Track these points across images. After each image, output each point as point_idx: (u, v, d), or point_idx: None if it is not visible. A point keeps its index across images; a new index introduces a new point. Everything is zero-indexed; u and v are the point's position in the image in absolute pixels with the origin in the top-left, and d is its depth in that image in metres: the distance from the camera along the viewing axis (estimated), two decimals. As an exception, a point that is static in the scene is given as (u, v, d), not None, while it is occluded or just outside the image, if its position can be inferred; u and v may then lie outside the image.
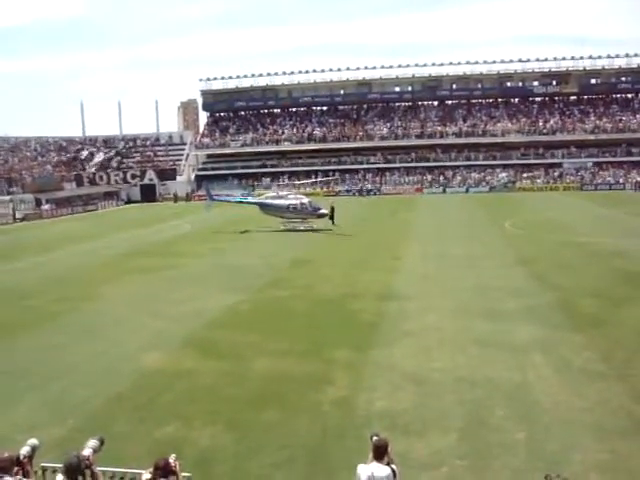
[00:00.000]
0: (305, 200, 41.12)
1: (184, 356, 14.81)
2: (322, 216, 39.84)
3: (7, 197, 61.12)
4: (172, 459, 6.21)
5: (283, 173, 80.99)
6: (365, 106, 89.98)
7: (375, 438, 6.49)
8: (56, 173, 74.20)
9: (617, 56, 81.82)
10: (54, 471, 6.71)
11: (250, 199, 47.34)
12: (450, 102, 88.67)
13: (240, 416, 11.14)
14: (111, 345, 15.91)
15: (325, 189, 72.86)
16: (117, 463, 7.34)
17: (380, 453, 6.34)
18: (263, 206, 41.93)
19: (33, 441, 6.42)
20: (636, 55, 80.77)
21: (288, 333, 16.41)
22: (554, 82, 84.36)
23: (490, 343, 14.90)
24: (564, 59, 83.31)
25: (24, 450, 6.27)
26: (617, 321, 16.54)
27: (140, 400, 12.10)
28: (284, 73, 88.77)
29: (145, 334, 16.84)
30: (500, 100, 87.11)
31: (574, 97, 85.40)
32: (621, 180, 72.49)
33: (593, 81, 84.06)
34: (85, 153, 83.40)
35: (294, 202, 40.64)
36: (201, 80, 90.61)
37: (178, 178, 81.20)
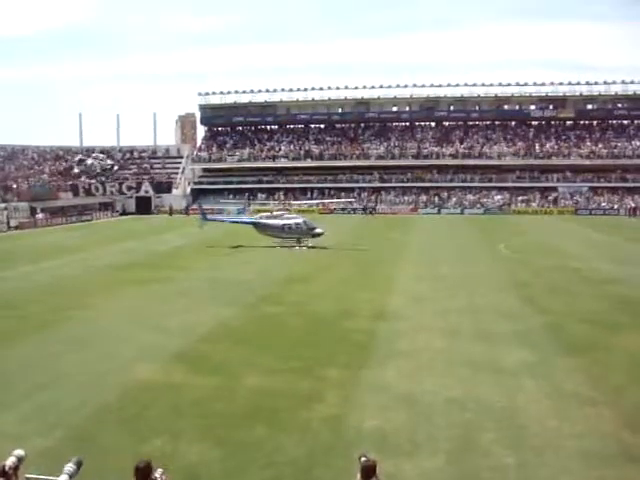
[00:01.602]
0: (300, 220, 40.86)
1: (174, 369, 14.74)
2: (318, 235, 39.68)
3: (2, 205, 61.00)
4: (159, 473, 6.17)
5: (279, 189, 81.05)
6: (362, 125, 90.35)
7: (363, 459, 6.42)
8: (52, 182, 74.14)
9: (613, 82, 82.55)
10: (38, 483, 6.64)
11: (245, 219, 46.81)
12: (447, 123, 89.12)
13: (229, 432, 11.07)
14: (101, 356, 15.83)
15: (321, 207, 72.66)
16: (102, 476, 7.28)
17: (368, 475, 6.27)
18: (258, 226, 41.65)
19: (19, 452, 6.35)
20: (632, 82, 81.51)
21: (280, 350, 16.36)
22: (551, 106, 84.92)
23: (481, 365, 14.89)
24: (561, 84, 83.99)
25: (9, 461, 6.20)
26: (609, 347, 16.54)
27: (128, 413, 12.03)
28: (283, 90, 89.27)
29: (136, 346, 16.76)
30: (497, 123, 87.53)
31: (570, 122, 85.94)
32: (615, 206, 72.86)
33: (589, 106, 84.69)
34: (81, 162, 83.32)
35: (289, 222, 40.37)
36: (200, 94, 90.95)
37: (174, 191, 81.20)
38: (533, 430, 11.14)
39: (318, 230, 39.79)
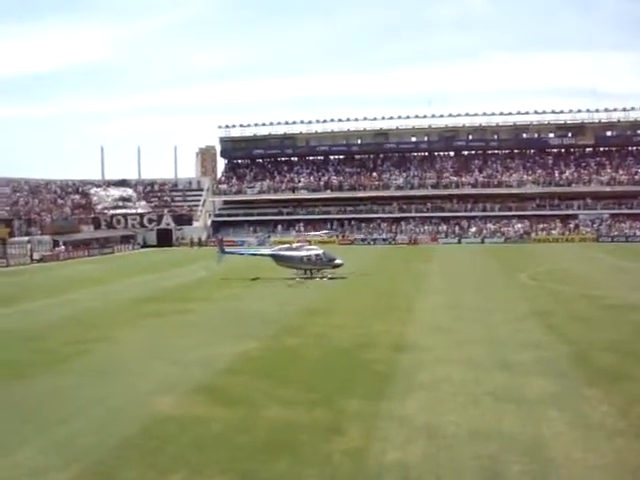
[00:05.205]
0: (319, 251, 40.73)
1: (195, 402, 14.67)
2: (337, 266, 39.54)
3: (25, 238, 61.84)
4: None
5: (299, 221, 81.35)
6: (381, 155, 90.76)
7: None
8: (74, 215, 75.11)
9: (632, 109, 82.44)
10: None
11: (264, 251, 46.52)
12: (466, 153, 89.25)
13: (250, 465, 10.96)
14: (121, 389, 15.83)
15: (341, 237, 72.73)
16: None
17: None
18: (277, 258, 41.49)
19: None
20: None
21: (300, 382, 16.25)
22: (570, 134, 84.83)
23: (504, 396, 14.65)
24: (579, 111, 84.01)
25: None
26: (634, 376, 16.20)
27: (148, 446, 11.95)
28: (302, 122, 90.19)
29: (156, 379, 16.74)
30: (516, 151, 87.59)
31: (590, 149, 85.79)
32: (638, 232, 72.11)
33: (608, 133, 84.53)
34: (102, 193, 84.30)
35: (309, 253, 40.28)
36: (220, 127, 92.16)
37: (194, 223, 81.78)
38: (559, 462, 10.89)
39: (338, 261, 39.68)
